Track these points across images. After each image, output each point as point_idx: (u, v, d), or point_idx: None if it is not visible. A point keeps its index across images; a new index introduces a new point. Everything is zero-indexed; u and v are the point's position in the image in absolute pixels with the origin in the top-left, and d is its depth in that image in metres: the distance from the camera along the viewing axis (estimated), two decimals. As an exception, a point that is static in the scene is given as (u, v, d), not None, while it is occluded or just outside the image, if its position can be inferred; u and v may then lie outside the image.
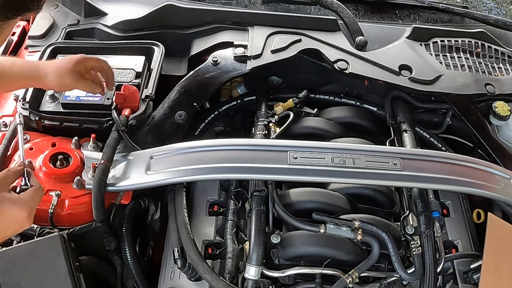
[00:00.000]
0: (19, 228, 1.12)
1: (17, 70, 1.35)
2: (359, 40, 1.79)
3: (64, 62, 1.39)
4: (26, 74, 1.37)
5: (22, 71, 1.36)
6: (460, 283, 1.44)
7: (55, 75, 1.37)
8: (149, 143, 1.52)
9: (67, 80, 1.38)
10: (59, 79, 1.37)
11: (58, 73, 1.37)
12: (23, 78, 1.38)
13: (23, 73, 1.37)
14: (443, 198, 1.63)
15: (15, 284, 1.23)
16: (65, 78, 1.37)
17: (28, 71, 1.37)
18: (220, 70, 1.67)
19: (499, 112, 1.73)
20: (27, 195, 1.12)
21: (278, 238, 1.38)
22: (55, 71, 1.37)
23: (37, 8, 0.95)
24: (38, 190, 1.15)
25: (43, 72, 1.37)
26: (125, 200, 1.44)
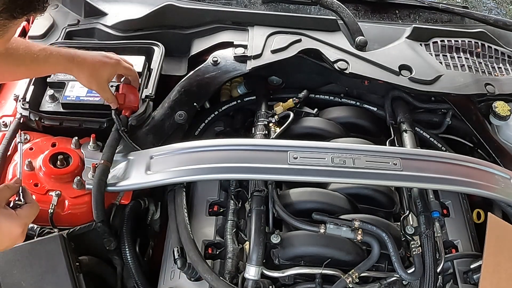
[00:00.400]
0: (12, 244, 1.14)
1: (53, 61, 1.38)
2: (359, 40, 1.79)
3: (98, 64, 1.41)
4: (61, 65, 1.40)
5: (57, 61, 1.38)
6: (460, 283, 1.44)
7: (87, 74, 1.41)
8: (149, 143, 1.52)
9: (93, 85, 1.43)
10: (88, 79, 1.42)
11: (89, 74, 1.41)
12: (57, 68, 1.43)
13: (58, 63, 1.39)
14: (443, 198, 1.63)
15: (15, 284, 1.23)
16: (93, 81, 1.42)
17: (63, 62, 1.39)
18: (220, 70, 1.67)
19: (499, 112, 1.73)
20: (23, 212, 1.14)
21: (278, 238, 1.38)
22: (88, 71, 1.40)
23: (42, 9, 0.96)
24: (34, 207, 1.17)
25: (76, 67, 1.39)
26: (125, 200, 1.44)
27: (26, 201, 1.18)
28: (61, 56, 1.38)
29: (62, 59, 1.38)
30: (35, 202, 1.19)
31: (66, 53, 1.39)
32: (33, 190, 1.37)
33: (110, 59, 1.44)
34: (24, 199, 1.18)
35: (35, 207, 1.18)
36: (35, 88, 1.54)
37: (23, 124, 1.54)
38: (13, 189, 1.18)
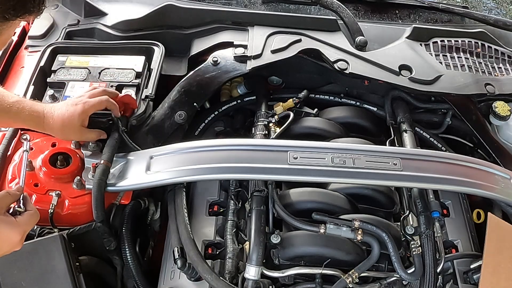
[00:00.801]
0: (9, 250, 1.14)
1: (24, 117, 1.36)
2: (359, 40, 1.79)
3: (67, 119, 1.38)
4: (33, 121, 1.39)
5: (29, 118, 1.37)
6: (460, 283, 1.44)
7: (60, 132, 1.40)
8: (149, 143, 1.52)
9: (72, 137, 1.43)
10: (65, 136, 1.42)
11: (63, 131, 1.40)
12: (28, 124, 1.40)
13: (30, 120, 1.38)
14: (443, 198, 1.63)
15: (15, 284, 1.23)
16: (71, 135, 1.42)
17: (35, 119, 1.38)
18: (220, 70, 1.67)
19: (499, 112, 1.73)
20: (23, 219, 1.14)
21: (278, 238, 1.38)
22: (60, 129, 1.39)
23: (37, 11, 0.94)
24: (34, 215, 1.17)
25: (47, 126, 1.39)
26: (125, 200, 1.44)
27: (26, 209, 1.18)
28: (33, 113, 1.37)
29: (33, 117, 1.37)
30: (35, 210, 1.19)
31: (37, 111, 1.37)
32: (33, 190, 1.37)
33: (76, 105, 1.39)
34: (25, 206, 1.18)
35: (35, 215, 1.18)
36: (35, 88, 1.54)
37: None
38: (14, 196, 1.18)
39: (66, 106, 1.40)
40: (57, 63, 1.64)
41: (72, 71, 1.61)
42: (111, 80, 1.59)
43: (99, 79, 1.59)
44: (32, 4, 0.92)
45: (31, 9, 0.93)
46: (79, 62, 1.64)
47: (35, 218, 1.18)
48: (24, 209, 1.17)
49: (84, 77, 1.60)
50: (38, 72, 1.59)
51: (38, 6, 0.94)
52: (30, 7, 0.92)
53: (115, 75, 1.61)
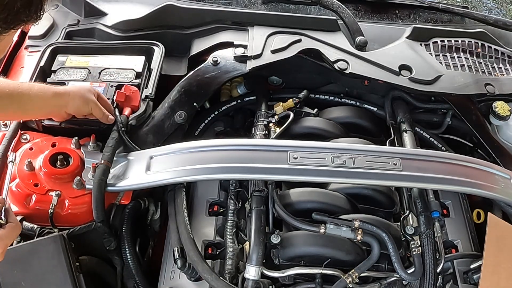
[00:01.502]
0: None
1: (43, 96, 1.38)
2: (359, 40, 1.79)
3: (81, 88, 1.45)
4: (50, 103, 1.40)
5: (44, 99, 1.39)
6: (460, 283, 1.44)
7: (79, 97, 1.42)
8: (149, 143, 1.52)
9: (89, 101, 1.43)
10: (83, 99, 1.42)
11: (82, 96, 1.42)
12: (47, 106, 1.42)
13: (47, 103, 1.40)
14: (443, 198, 1.63)
15: (15, 284, 1.23)
16: (88, 99, 1.43)
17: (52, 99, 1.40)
18: (220, 70, 1.67)
19: (499, 112, 1.73)
20: (4, 232, 1.13)
21: (278, 238, 1.38)
22: (79, 94, 1.42)
23: (34, 20, 0.89)
24: (15, 228, 1.16)
25: (66, 98, 1.41)
26: (125, 200, 1.44)
27: (8, 221, 1.16)
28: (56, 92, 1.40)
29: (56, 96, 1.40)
30: (17, 223, 1.17)
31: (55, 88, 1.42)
32: (33, 190, 1.37)
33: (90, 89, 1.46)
34: (6, 218, 1.16)
35: (17, 228, 1.16)
36: (35, 88, 1.54)
37: (23, 124, 1.54)
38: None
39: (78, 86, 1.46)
40: (57, 63, 1.64)
41: (72, 71, 1.61)
42: (111, 80, 1.59)
43: (99, 79, 1.59)
44: (25, 15, 0.87)
45: (24, 19, 0.88)
46: (79, 62, 1.64)
47: (16, 230, 1.16)
48: (5, 222, 1.15)
49: (84, 77, 1.60)
50: (38, 72, 1.59)
51: (32, 15, 0.89)
52: (23, 17, 0.87)
53: (115, 75, 1.61)
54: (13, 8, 0.83)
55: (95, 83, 1.57)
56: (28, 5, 0.86)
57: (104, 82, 1.58)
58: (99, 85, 1.57)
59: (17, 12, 0.85)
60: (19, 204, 1.37)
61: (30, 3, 0.86)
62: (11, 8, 0.83)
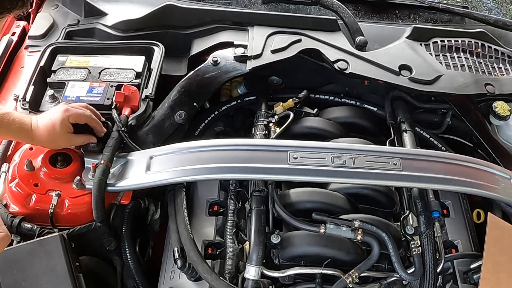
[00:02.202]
0: None
1: (14, 129, 1.35)
2: (359, 40, 1.79)
3: (51, 127, 1.37)
4: (22, 136, 1.38)
5: (18, 131, 1.36)
6: (460, 283, 1.44)
7: (48, 142, 1.39)
8: (149, 143, 1.52)
9: (60, 144, 1.41)
10: (53, 144, 1.40)
11: (50, 140, 1.38)
12: (17, 137, 1.40)
13: (18, 134, 1.37)
14: (443, 198, 1.63)
15: (15, 284, 1.23)
16: (59, 142, 1.40)
17: (23, 134, 1.37)
18: (220, 70, 1.67)
19: (499, 112, 1.73)
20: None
21: (278, 238, 1.38)
22: (47, 139, 1.38)
23: (20, 6, 0.87)
24: (4, 238, 1.14)
25: (37, 138, 1.37)
26: (125, 200, 1.44)
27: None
28: (22, 126, 1.36)
29: (23, 130, 1.36)
30: (7, 233, 1.15)
31: (26, 123, 1.37)
32: (33, 190, 1.37)
33: (57, 113, 1.38)
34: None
35: (5, 239, 1.15)
36: (35, 88, 1.54)
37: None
38: None
39: (48, 115, 1.39)
40: (57, 63, 1.64)
41: (72, 71, 1.61)
42: (111, 80, 1.59)
43: (99, 79, 1.59)
44: (9, 2, 0.85)
45: (8, 7, 0.86)
46: (79, 62, 1.64)
47: (5, 241, 1.14)
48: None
49: (84, 77, 1.60)
50: (38, 72, 1.59)
51: (18, 1, 0.86)
52: (7, 4, 0.85)
53: (115, 75, 1.61)
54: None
55: (95, 83, 1.57)
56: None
57: (104, 82, 1.58)
58: (99, 85, 1.57)
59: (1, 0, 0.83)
60: (19, 204, 1.37)
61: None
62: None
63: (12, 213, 1.35)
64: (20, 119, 1.36)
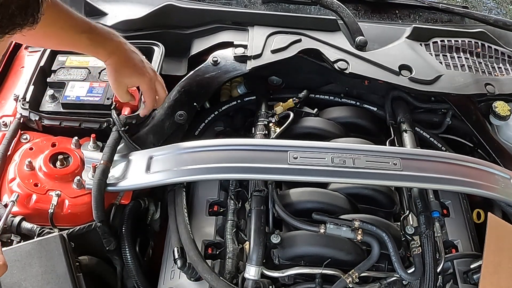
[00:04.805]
0: None
1: (85, 41, 1.34)
2: (359, 40, 1.79)
3: (132, 65, 1.39)
4: (100, 55, 1.39)
5: (89, 43, 1.35)
6: (460, 283, 1.44)
7: (116, 69, 1.38)
8: (149, 143, 1.52)
9: (117, 81, 1.40)
10: (114, 76, 1.40)
11: (118, 72, 1.39)
12: (84, 48, 1.39)
13: (88, 46, 1.37)
14: (443, 198, 1.63)
15: (15, 284, 1.23)
16: (119, 79, 1.40)
17: (95, 48, 1.37)
18: (220, 70, 1.67)
19: (499, 112, 1.73)
20: None
21: (278, 238, 1.38)
22: (114, 73, 1.39)
23: (31, 23, 0.81)
24: (1, 267, 1.08)
25: (108, 64, 1.38)
26: (125, 200, 1.44)
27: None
28: (111, 34, 1.37)
29: (105, 52, 1.37)
30: (4, 262, 1.09)
31: (115, 36, 1.38)
32: (33, 190, 1.37)
33: (150, 72, 1.43)
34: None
35: (2, 268, 1.08)
36: (35, 88, 1.54)
37: (23, 124, 1.54)
38: None
39: (138, 62, 1.41)
40: (57, 63, 1.64)
41: (72, 71, 1.61)
42: (111, 80, 1.59)
43: (99, 79, 1.60)
44: (21, 18, 0.79)
45: (21, 23, 0.80)
46: (79, 62, 1.64)
47: (2, 270, 1.08)
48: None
49: (84, 77, 1.60)
50: (38, 72, 1.59)
51: (29, 18, 0.80)
52: (19, 20, 0.79)
53: (115, 75, 1.60)
54: (7, 11, 0.76)
55: (95, 83, 1.57)
56: (24, 7, 0.79)
57: (104, 82, 1.58)
58: (99, 85, 1.57)
59: (12, 15, 0.78)
60: (19, 204, 1.37)
61: (26, 6, 0.79)
62: (5, 11, 0.76)
63: (12, 213, 1.35)
64: (108, 31, 1.37)
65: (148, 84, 1.43)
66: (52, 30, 1.29)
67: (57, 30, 1.30)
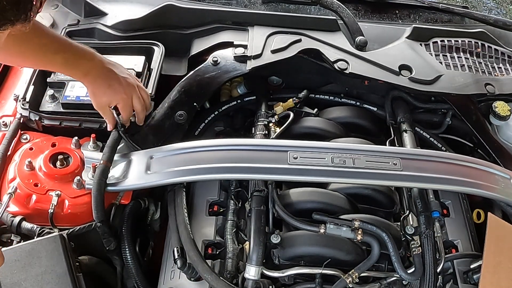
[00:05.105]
0: None
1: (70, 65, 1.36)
2: (359, 40, 1.79)
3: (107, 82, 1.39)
4: (76, 75, 1.39)
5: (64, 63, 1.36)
6: (460, 283, 1.44)
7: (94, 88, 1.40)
8: (149, 143, 1.52)
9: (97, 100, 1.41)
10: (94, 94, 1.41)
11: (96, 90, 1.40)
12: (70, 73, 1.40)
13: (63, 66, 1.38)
14: (443, 198, 1.63)
15: (15, 284, 1.23)
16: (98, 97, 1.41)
17: (69, 68, 1.38)
18: (220, 70, 1.67)
19: (499, 112, 1.73)
20: None
21: (278, 238, 1.38)
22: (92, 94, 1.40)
23: (24, 20, 0.81)
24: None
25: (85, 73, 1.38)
26: (125, 200, 1.44)
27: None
28: (85, 51, 1.38)
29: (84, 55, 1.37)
30: (1, 255, 1.10)
31: (89, 54, 1.38)
32: (33, 190, 1.38)
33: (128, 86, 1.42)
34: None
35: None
36: (35, 88, 1.54)
37: (23, 124, 1.54)
38: None
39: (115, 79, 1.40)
40: (57, 63, 1.64)
41: (72, 71, 1.61)
42: (111, 80, 1.59)
43: (99, 79, 1.59)
44: (13, 13, 0.78)
45: (12, 19, 0.79)
46: (79, 62, 1.64)
47: None
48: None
49: (84, 77, 1.60)
50: (38, 72, 1.59)
51: (21, 14, 0.80)
52: (10, 16, 0.79)
53: (115, 75, 1.60)
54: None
55: (95, 83, 1.57)
56: (16, 3, 0.79)
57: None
58: None
59: (4, 10, 0.78)
60: (19, 204, 1.37)
61: (18, 2, 0.79)
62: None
63: (12, 213, 1.35)
64: (86, 50, 1.38)
65: (122, 101, 1.41)
66: (27, 48, 1.29)
67: (32, 48, 1.31)
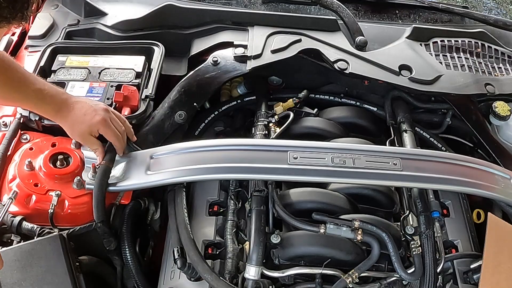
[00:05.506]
0: None
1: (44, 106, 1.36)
2: (359, 40, 1.79)
3: (81, 117, 1.37)
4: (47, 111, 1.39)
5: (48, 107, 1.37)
6: (460, 283, 1.44)
7: (70, 125, 1.39)
8: (149, 143, 1.52)
9: (77, 136, 1.41)
10: (72, 130, 1.40)
11: (73, 127, 1.39)
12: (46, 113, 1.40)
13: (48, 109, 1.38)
14: (443, 198, 1.63)
15: (15, 284, 1.23)
16: (77, 133, 1.40)
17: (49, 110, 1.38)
18: (220, 70, 1.67)
19: (499, 112, 1.73)
20: None
21: (278, 238, 1.38)
22: (71, 127, 1.39)
23: (20, 18, 0.83)
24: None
25: (60, 119, 1.38)
26: (125, 200, 1.44)
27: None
28: (57, 94, 1.37)
29: (55, 100, 1.37)
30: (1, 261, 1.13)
31: (61, 95, 1.38)
32: (33, 190, 1.37)
33: (96, 115, 1.37)
34: None
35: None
36: (35, 88, 1.54)
37: (23, 124, 1.54)
38: None
39: (88, 107, 1.39)
40: (57, 63, 1.64)
41: (72, 71, 1.61)
42: (111, 80, 1.59)
43: (99, 79, 1.60)
44: (9, 11, 0.81)
45: (8, 16, 0.81)
46: (79, 62, 1.64)
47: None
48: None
49: (84, 77, 1.60)
50: (38, 72, 1.59)
51: (17, 13, 0.82)
52: (7, 14, 0.81)
53: (115, 75, 1.61)
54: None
55: (95, 83, 1.57)
56: (12, 1, 0.81)
57: (104, 82, 1.58)
58: (99, 85, 1.57)
59: (0, 8, 0.80)
60: (19, 204, 1.37)
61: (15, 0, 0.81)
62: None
63: (12, 213, 1.35)
64: (56, 89, 1.37)
65: (103, 125, 1.39)
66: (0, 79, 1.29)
67: (5, 81, 1.30)
